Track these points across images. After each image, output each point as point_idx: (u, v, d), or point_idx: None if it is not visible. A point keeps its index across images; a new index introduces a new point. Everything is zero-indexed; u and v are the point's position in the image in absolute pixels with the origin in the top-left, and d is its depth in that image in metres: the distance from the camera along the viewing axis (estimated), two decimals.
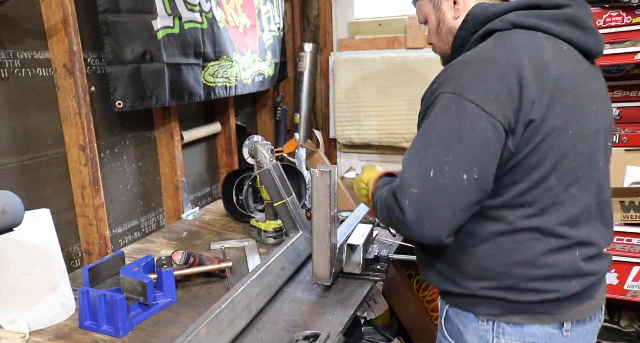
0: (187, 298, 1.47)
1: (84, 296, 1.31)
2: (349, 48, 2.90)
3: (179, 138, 2.12)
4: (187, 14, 1.88)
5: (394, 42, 2.79)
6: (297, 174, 2.31)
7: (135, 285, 1.36)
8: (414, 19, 2.71)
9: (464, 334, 1.15)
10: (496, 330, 1.10)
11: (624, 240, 1.88)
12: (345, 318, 1.31)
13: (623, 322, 2.19)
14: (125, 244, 1.94)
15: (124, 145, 1.91)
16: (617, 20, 1.82)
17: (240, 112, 2.70)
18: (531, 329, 1.08)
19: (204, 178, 2.47)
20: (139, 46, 1.70)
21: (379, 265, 1.52)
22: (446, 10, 1.21)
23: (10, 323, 1.25)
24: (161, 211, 2.15)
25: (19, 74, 1.49)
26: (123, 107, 1.69)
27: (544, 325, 1.08)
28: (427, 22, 1.28)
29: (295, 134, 2.61)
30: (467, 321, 1.14)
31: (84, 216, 1.69)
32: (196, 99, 2.00)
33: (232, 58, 2.19)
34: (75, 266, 1.71)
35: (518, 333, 1.09)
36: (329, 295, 1.44)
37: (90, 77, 1.69)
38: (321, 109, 3.04)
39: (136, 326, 1.32)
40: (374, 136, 2.85)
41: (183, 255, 1.51)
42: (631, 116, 2.10)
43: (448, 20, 1.21)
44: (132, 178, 1.96)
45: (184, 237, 2.00)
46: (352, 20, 2.92)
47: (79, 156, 1.63)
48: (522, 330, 1.09)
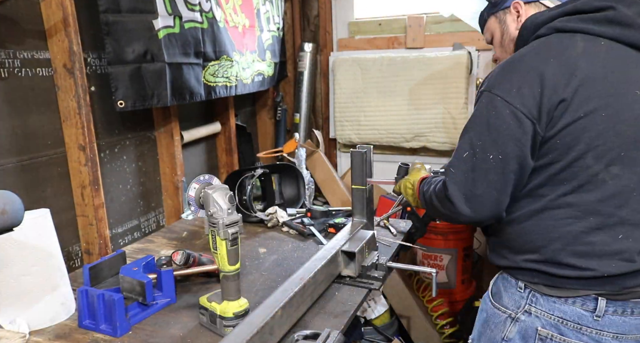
0: (187, 298, 1.47)
1: (83, 296, 1.31)
2: (349, 48, 2.91)
3: (179, 138, 2.12)
4: (187, 13, 1.88)
5: (394, 42, 2.80)
6: (297, 174, 2.31)
7: (135, 284, 1.36)
8: (414, 19, 2.72)
9: (503, 296, 1.29)
10: (530, 298, 1.23)
11: None
12: (345, 318, 1.31)
13: None
14: (125, 244, 1.94)
15: (124, 145, 1.91)
16: None
17: (240, 112, 2.70)
18: (562, 306, 1.18)
19: None
20: (140, 46, 1.70)
21: (376, 273, 1.51)
22: (510, 23, 1.35)
23: (10, 323, 1.25)
24: (161, 211, 2.15)
25: (19, 74, 1.49)
26: (124, 107, 1.69)
27: (575, 307, 1.16)
28: (493, 38, 1.42)
29: (295, 134, 2.61)
30: (508, 286, 1.28)
31: (84, 216, 1.69)
32: (197, 99, 2.00)
33: (232, 58, 2.19)
34: (75, 266, 1.71)
35: (549, 307, 1.19)
36: (329, 295, 1.44)
37: (90, 77, 1.69)
38: (321, 109, 3.04)
39: (135, 326, 1.32)
40: (374, 135, 2.85)
41: (183, 255, 1.51)
42: None
43: (511, 31, 1.35)
44: (132, 177, 1.96)
45: (184, 237, 2.00)
46: (352, 20, 2.92)
47: (79, 156, 1.63)
48: (553, 305, 1.19)
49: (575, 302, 1.17)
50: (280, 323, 1.17)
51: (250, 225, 2.12)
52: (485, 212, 1.17)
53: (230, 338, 1.04)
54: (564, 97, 1.10)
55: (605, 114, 1.11)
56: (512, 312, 1.26)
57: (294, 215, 2.13)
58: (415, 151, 2.87)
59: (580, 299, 1.17)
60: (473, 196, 1.16)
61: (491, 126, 1.14)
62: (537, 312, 1.22)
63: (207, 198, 1.22)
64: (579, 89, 1.10)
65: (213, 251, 1.23)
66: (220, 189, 1.24)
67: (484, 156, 1.14)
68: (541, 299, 1.21)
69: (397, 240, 1.84)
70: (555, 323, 1.19)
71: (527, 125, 1.11)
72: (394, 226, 1.95)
